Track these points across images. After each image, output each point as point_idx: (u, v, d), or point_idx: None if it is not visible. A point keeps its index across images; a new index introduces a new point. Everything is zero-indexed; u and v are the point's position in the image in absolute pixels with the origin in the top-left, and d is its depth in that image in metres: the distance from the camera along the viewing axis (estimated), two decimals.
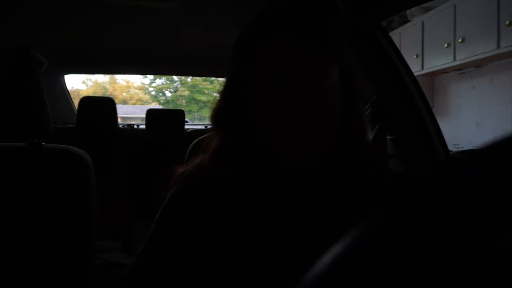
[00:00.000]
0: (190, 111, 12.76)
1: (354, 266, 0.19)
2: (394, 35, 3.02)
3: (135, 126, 2.74)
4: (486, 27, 2.15)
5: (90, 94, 12.12)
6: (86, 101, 2.17)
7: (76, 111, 2.31)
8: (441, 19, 2.58)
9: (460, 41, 2.38)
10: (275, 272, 0.51)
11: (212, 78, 12.15)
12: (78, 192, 0.94)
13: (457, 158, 0.20)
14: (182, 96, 13.80)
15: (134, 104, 14.45)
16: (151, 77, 13.90)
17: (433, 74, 2.96)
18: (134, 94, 15.04)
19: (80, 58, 2.22)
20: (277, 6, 0.53)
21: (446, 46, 2.51)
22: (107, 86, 14.61)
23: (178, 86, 14.10)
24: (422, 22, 2.80)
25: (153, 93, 14.71)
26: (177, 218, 0.58)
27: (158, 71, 2.67)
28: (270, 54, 0.50)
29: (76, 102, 2.40)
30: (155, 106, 13.52)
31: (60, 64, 2.25)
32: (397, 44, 1.45)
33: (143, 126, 2.47)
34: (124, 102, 14.33)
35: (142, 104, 14.50)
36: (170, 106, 13.10)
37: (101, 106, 2.20)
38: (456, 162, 0.19)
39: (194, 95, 13.40)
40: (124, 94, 14.74)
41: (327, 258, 0.20)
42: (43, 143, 0.97)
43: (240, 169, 0.55)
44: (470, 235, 0.18)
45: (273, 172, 0.56)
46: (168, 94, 14.50)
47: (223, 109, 0.56)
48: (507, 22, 2.00)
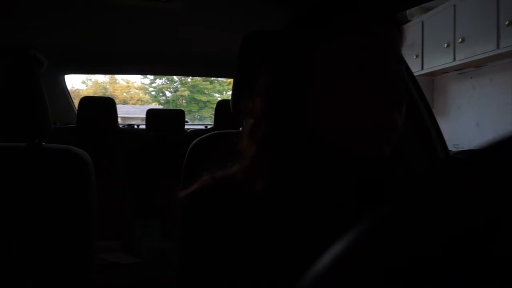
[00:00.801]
0: (190, 111, 12.77)
1: (354, 266, 0.19)
2: None
3: (135, 126, 2.74)
4: (486, 27, 2.15)
5: (90, 94, 12.13)
6: (86, 101, 2.17)
7: (76, 111, 2.31)
8: (441, 19, 2.58)
9: (460, 41, 2.38)
10: None
11: (212, 78, 12.17)
12: (78, 192, 0.94)
13: (457, 158, 0.20)
14: (182, 96, 13.81)
15: (134, 104, 14.46)
16: (151, 77, 13.93)
17: (433, 74, 2.96)
18: (134, 94, 15.05)
19: (80, 58, 2.22)
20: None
21: (446, 46, 2.51)
22: (107, 86, 14.62)
23: (178, 86, 14.11)
24: (422, 22, 2.80)
25: (153, 93, 14.72)
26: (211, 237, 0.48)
27: (158, 71, 2.67)
28: (357, 25, 0.48)
29: (76, 102, 2.40)
30: (155, 106, 13.53)
31: (60, 64, 2.25)
32: None
33: (143, 126, 2.47)
34: (124, 102, 14.34)
35: (142, 104, 14.51)
36: (170, 106, 13.11)
37: (101, 106, 2.20)
38: (456, 162, 0.19)
39: (194, 95, 13.41)
40: (124, 94, 14.75)
41: (327, 258, 0.20)
42: (43, 143, 0.97)
43: (299, 169, 0.48)
44: (470, 235, 0.18)
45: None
46: (168, 94, 14.51)
47: (271, 108, 0.49)
48: (507, 22, 2.00)
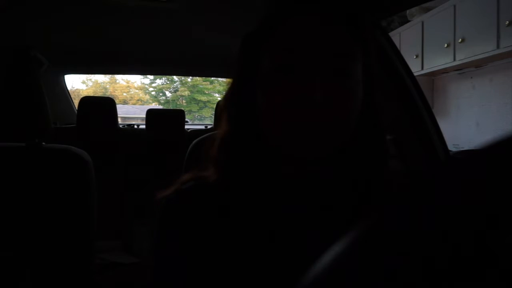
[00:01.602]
0: (190, 111, 12.77)
1: (353, 265, 0.19)
2: (394, 35, 3.02)
3: (135, 126, 2.74)
4: (486, 27, 2.15)
5: (90, 94, 12.13)
6: (86, 101, 2.17)
7: (76, 111, 2.31)
8: (441, 19, 2.58)
9: (460, 41, 2.38)
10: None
11: (212, 78, 12.18)
12: (78, 192, 0.94)
13: (457, 158, 0.20)
14: (182, 96, 13.82)
15: (134, 104, 14.46)
16: (151, 77, 13.93)
17: (433, 74, 2.96)
18: (134, 94, 15.05)
19: (80, 58, 2.22)
20: None
21: (446, 46, 2.51)
22: (107, 86, 14.62)
23: (178, 86, 14.11)
24: (422, 22, 2.80)
25: (153, 93, 14.72)
26: (183, 234, 0.51)
27: (158, 71, 2.67)
28: (288, 31, 0.45)
29: (76, 102, 2.40)
30: (155, 106, 13.53)
31: (60, 64, 2.25)
32: (397, 44, 1.45)
33: (143, 126, 2.47)
34: (124, 102, 14.34)
35: (142, 104, 14.51)
36: (170, 106, 13.11)
37: (101, 106, 2.20)
38: (456, 162, 0.20)
39: (194, 95, 13.41)
40: (124, 94, 14.75)
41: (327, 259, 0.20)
42: (43, 143, 0.97)
43: (246, 167, 0.49)
44: (470, 235, 0.18)
45: (278, 173, 0.50)
46: (168, 94, 14.50)
47: (234, 96, 0.51)
48: (507, 22, 2.00)
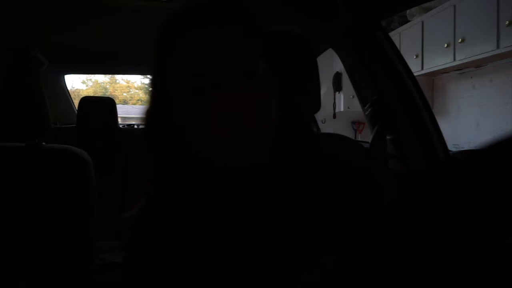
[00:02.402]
0: None
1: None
2: (394, 35, 3.02)
3: (135, 126, 2.74)
4: (486, 27, 2.15)
5: (90, 94, 12.13)
6: (86, 101, 2.17)
7: (76, 111, 2.31)
8: (441, 19, 2.58)
9: (460, 41, 2.38)
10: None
11: None
12: (78, 192, 0.94)
13: (457, 158, 0.20)
14: None
15: (134, 104, 14.46)
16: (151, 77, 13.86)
17: (433, 74, 2.96)
18: (134, 94, 15.05)
19: (80, 58, 2.21)
20: (198, 2, 0.48)
21: (446, 46, 2.51)
22: (107, 86, 14.62)
23: None
24: (422, 22, 2.80)
25: None
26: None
27: None
28: (190, 47, 0.45)
29: (76, 102, 2.40)
30: None
31: (60, 64, 2.25)
32: (397, 44, 1.45)
33: (143, 126, 2.47)
34: (124, 102, 14.33)
35: (142, 104, 14.50)
36: None
37: (101, 106, 2.20)
38: (456, 162, 0.20)
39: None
40: (124, 94, 14.74)
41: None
42: (43, 143, 0.97)
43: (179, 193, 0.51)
44: (470, 234, 0.18)
45: (220, 182, 0.50)
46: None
47: (152, 124, 0.53)
48: (507, 22, 2.00)
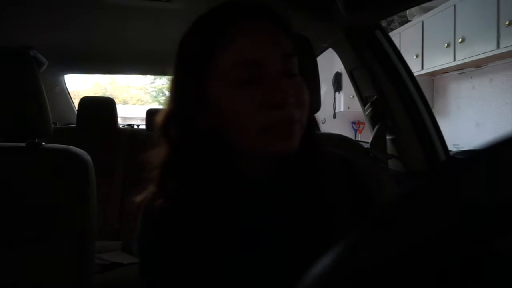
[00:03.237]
0: None
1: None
2: (394, 35, 3.02)
3: (135, 126, 2.74)
4: (486, 27, 2.15)
5: (90, 94, 12.10)
6: (86, 101, 2.17)
7: (76, 111, 2.31)
8: (441, 19, 2.58)
9: (460, 41, 2.38)
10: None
11: None
12: (78, 192, 0.94)
13: (457, 158, 0.20)
14: None
15: (134, 104, 14.45)
16: (151, 77, 13.87)
17: (433, 74, 2.96)
18: (134, 94, 15.04)
19: (80, 58, 2.21)
20: (240, 1, 0.51)
21: (446, 46, 2.51)
22: (107, 86, 14.60)
23: None
24: (422, 22, 2.80)
25: (153, 93, 14.70)
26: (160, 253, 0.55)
27: (158, 71, 2.67)
28: (240, 37, 0.47)
29: (76, 102, 2.40)
30: (155, 106, 13.52)
31: (60, 64, 2.25)
32: (397, 44, 1.45)
33: (143, 126, 2.47)
34: (124, 102, 14.32)
35: (142, 104, 14.49)
36: None
37: (101, 106, 2.20)
38: (456, 162, 0.19)
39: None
40: (124, 94, 14.73)
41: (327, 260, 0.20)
42: (43, 143, 0.97)
43: (193, 186, 0.50)
44: (470, 234, 0.18)
45: (237, 185, 0.50)
46: (168, 94, 14.47)
47: (176, 115, 0.52)
48: (507, 22, 2.00)
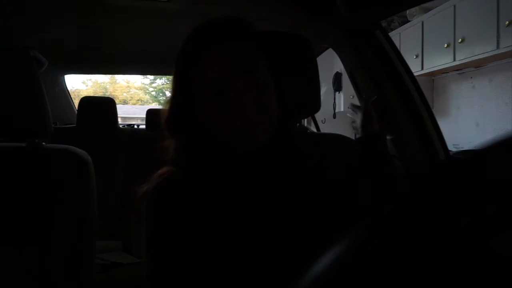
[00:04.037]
0: None
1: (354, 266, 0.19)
2: (394, 35, 3.02)
3: (135, 126, 2.74)
4: (486, 27, 2.15)
5: (90, 94, 12.12)
6: (86, 101, 2.17)
7: (76, 111, 2.31)
8: (441, 19, 2.58)
9: (460, 41, 2.38)
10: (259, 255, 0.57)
11: None
12: (78, 192, 0.94)
13: (457, 158, 0.20)
14: None
15: (134, 104, 14.45)
16: (151, 77, 13.90)
17: (433, 74, 2.97)
18: (134, 94, 15.04)
19: (80, 58, 2.21)
20: (209, 22, 0.64)
21: (446, 46, 2.51)
22: (107, 86, 14.61)
23: None
24: (422, 22, 2.80)
25: (153, 93, 14.70)
26: (170, 225, 0.61)
27: (158, 71, 2.67)
28: (210, 59, 0.58)
29: (76, 102, 2.40)
30: (155, 106, 13.52)
31: (60, 64, 2.25)
32: (397, 44, 1.45)
33: (143, 126, 2.47)
34: (124, 102, 14.32)
35: (142, 104, 14.49)
36: None
37: (101, 106, 2.20)
38: (456, 162, 0.19)
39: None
40: (124, 94, 14.73)
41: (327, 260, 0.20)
42: (43, 143, 0.97)
43: (201, 167, 0.62)
44: (470, 235, 0.18)
45: (230, 161, 0.62)
46: (168, 94, 14.44)
47: (174, 115, 0.65)
48: (507, 22, 2.00)
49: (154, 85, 14.56)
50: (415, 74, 1.45)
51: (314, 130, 2.68)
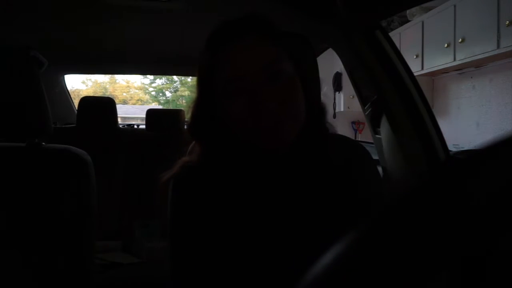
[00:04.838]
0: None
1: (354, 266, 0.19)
2: (394, 35, 3.02)
3: (135, 126, 2.74)
4: (486, 27, 2.15)
5: (90, 94, 12.11)
6: (86, 101, 2.17)
7: (76, 111, 2.31)
8: (441, 19, 2.58)
9: (460, 41, 2.38)
10: (277, 256, 0.57)
11: None
12: (78, 192, 0.94)
13: (457, 158, 0.20)
14: (182, 96, 13.79)
15: (134, 104, 14.45)
16: (151, 77, 13.89)
17: (433, 74, 2.96)
18: (134, 94, 15.04)
19: (80, 58, 2.22)
20: (225, 22, 0.63)
21: (446, 46, 2.51)
22: (107, 86, 14.60)
23: (178, 86, 14.09)
24: (422, 22, 2.80)
25: (153, 93, 14.70)
26: (192, 214, 0.62)
27: (158, 71, 2.67)
28: (228, 58, 0.58)
29: (76, 102, 2.40)
30: (155, 106, 13.52)
31: (60, 64, 2.25)
32: (397, 44, 1.45)
33: (143, 126, 2.47)
34: (124, 102, 14.32)
35: (142, 104, 14.49)
36: (170, 106, 13.09)
37: (101, 106, 2.20)
38: (456, 162, 0.19)
39: (194, 95, 13.35)
40: (124, 94, 14.73)
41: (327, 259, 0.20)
42: (43, 143, 0.97)
43: (225, 169, 0.61)
44: (471, 236, 0.18)
45: (255, 162, 0.61)
46: (168, 94, 14.49)
47: (199, 119, 0.64)
48: (507, 22, 2.00)
49: (154, 85, 14.56)
50: (415, 74, 1.45)
51: None
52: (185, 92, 13.61)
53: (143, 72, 2.89)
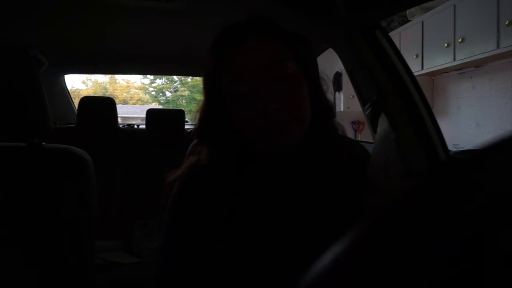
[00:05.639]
0: (190, 111, 12.71)
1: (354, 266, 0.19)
2: (394, 35, 3.02)
3: (135, 126, 2.74)
4: (486, 27, 2.15)
5: (90, 94, 12.11)
6: (86, 101, 2.17)
7: (76, 111, 2.31)
8: (441, 19, 2.58)
9: (460, 41, 2.38)
10: (280, 254, 0.57)
11: None
12: (78, 192, 0.94)
13: (457, 158, 0.20)
14: (182, 96, 13.80)
15: (134, 104, 14.45)
16: (151, 77, 13.90)
17: (433, 74, 2.96)
18: (134, 94, 15.05)
19: (80, 58, 2.21)
20: (229, 25, 0.63)
21: (446, 46, 2.51)
22: (107, 86, 14.61)
23: (178, 86, 14.09)
24: (422, 22, 2.80)
25: (153, 93, 14.71)
26: (188, 216, 0.62)
27: (158, 71, 2.67)
28: (233, 60, 0.58)
29: (76, 102, 2.40)
30: (155, 106, 13.51)
31: (60, 64, 2.25)
32: (397, 44, 1.45)
33: (143, 126, 2.47)
34: (124, 102, 14.33)
35: (142, 104, 14.49)
36: (170, 106, 13.09)
37: (101, 106, 2.20)
38: (456, 162, 0.20)
39: (194, 95, 13.39)
40: (124, 94, 14.74)
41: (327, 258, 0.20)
42: (43, 143, 0.97)
43: (232, 169, 0.61)
44: (471, 235, 0.18)
45: (263, 163, 0.62)
46: (168, 94, 14.49)
47: (207, 123, 0.64)
48: (507, 22, 2.00)
49: (154, 85, 14.57)
50: (415, 74, 1.45)
51: None
52: (185, 92, 13.61)
53: (143, 72, 2.89)
